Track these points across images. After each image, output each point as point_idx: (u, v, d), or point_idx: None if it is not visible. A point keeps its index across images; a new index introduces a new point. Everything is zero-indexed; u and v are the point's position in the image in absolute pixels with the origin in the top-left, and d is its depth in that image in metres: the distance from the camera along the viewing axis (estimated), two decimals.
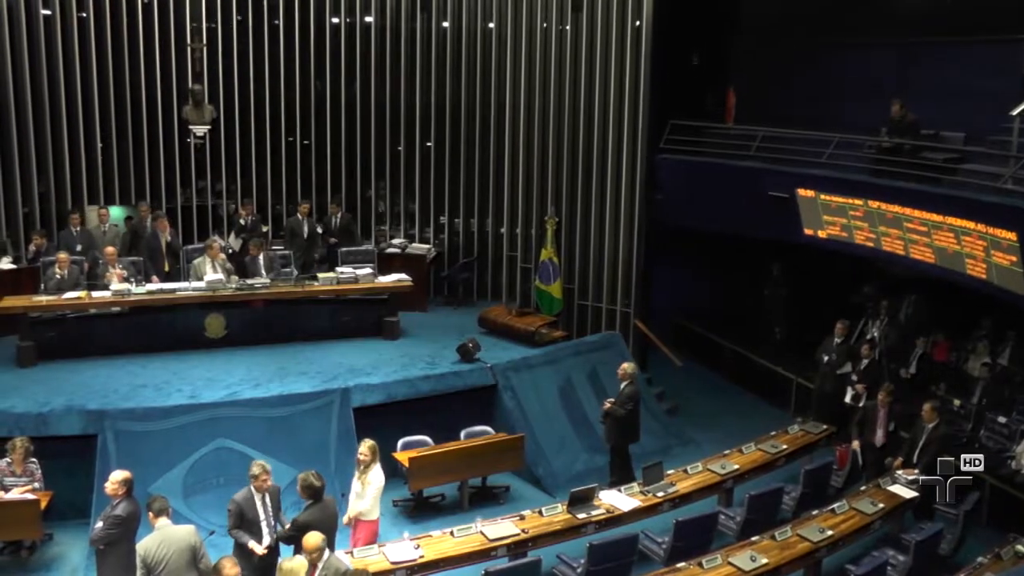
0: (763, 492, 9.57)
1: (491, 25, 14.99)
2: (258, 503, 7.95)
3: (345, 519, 8.48)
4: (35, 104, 13.65)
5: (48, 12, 13.62)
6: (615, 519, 9.08)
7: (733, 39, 15.84)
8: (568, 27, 14.18)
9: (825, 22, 14.43)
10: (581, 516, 8.95)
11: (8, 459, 9.13)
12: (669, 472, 9.92)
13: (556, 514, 8.99)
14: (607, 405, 10.80)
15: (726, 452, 10.58)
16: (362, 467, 8.57)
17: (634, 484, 9.62)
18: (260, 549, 7.82)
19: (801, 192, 12.46)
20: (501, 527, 8.70)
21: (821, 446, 11.26)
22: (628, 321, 14.02)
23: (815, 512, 9.24)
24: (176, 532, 7.42)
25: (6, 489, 9.07)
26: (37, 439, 9.54)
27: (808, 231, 12.59)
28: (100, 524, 7.84)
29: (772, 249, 14.72)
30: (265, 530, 7.93)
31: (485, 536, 8.53)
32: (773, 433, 11.17)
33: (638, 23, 13.56)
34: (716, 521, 9.20)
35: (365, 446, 8.65)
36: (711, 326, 15.81)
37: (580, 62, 14.14)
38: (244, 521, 7.88)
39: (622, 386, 10.82)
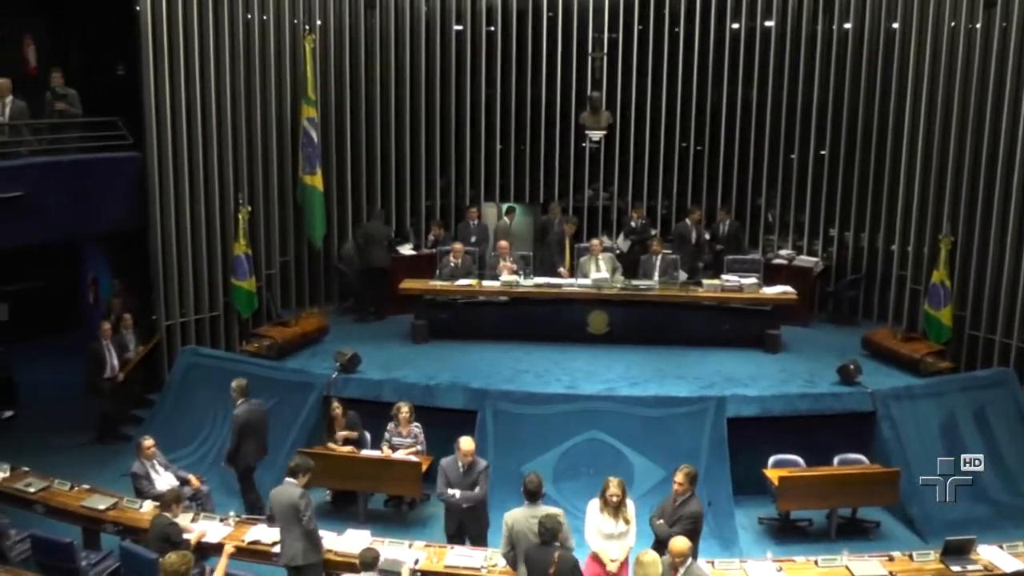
0: None
1: (895, 25, 14.20)
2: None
3: (614, 567, 7.91)
4: (442, 108, 15.23)
5: (460, 27, 15.16)
6: None
7: None
8: (978, 25, 12.97)
9: None
10: (955, 568, 8.37)
11: (395, 421, 10.33)
12: None
13: (927, 561, 8.50)
14: None
15: None
16: (612, 507, 8.01)
17: (1019, 543, 8.79)
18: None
19: None
20: (868, 565, 8.40)
21: None
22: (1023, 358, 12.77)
23: None
24: (542, 512, 7.73)
25: (394, 448, 10.27)
26: (422, 408, 10.66)
27: None
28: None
29: None
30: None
31: (851, 572, 8.27)
32: None
33: None
34: None
35: (615, 486, 8.01)
36: None
37: (989, 64, 12.80)
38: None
39: None
